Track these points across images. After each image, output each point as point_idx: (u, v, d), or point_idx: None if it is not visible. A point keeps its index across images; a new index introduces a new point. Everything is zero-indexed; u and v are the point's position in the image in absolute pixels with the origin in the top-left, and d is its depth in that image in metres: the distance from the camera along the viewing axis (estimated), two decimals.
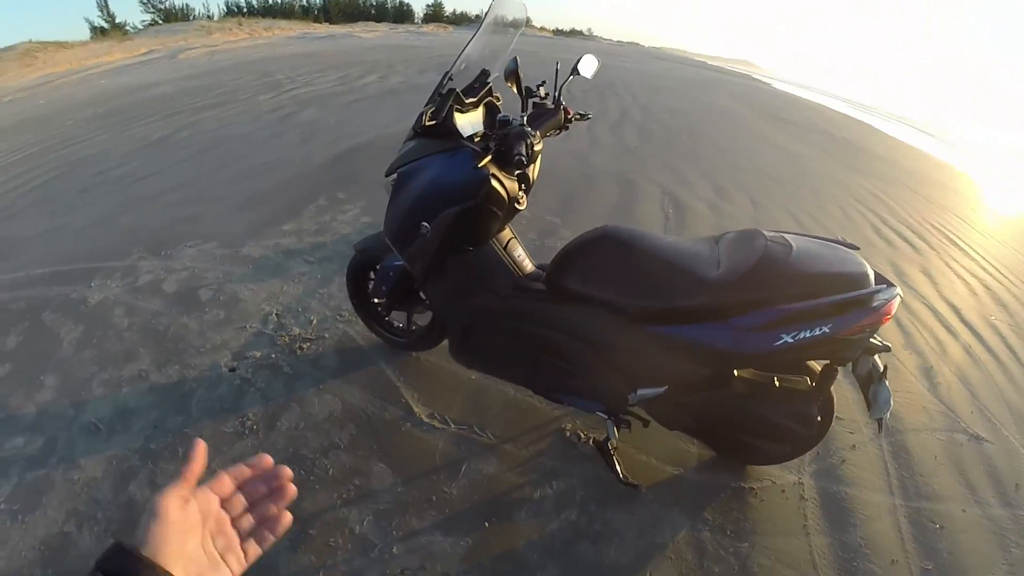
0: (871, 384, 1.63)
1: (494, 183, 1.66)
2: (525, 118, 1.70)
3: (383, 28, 21.90)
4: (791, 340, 1.44)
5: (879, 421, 1.68)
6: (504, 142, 1.59)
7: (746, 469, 2.06)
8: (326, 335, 2.53)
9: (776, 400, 1.71)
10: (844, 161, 7.40)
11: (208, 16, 23.79)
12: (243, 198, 4.01)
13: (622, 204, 4.53)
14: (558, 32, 45.55)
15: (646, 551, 1.74)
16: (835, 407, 1.77)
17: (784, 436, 1.79)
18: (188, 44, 14.92)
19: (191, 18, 22.99)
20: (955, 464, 2.28)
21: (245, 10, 25.25)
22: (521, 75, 1.71)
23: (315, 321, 2.61)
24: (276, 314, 2.65)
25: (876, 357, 1.66)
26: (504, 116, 1.70)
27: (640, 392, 1.71)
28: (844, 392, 2.47)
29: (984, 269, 4.63)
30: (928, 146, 11.37)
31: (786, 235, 1.60)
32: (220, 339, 2.47)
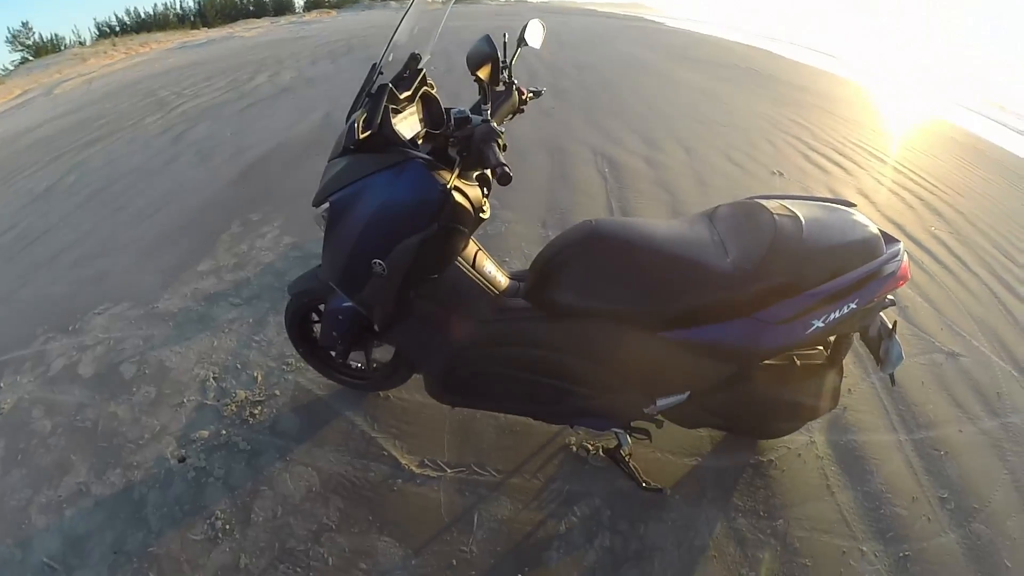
0: (881, 341, 1.56)
1: (457, 197, 1.38)
2: (489, 111, 1.38)
3: (264, 23, 20.45)
4: (822, 324, 1.36)
5: (891, 375, 1.66)
6: (467, 146, 1.32)
7: (759, 442, 1.98)
8: (276, 392, 2.21)
9: (798, 380, 1.62)
10: (758, 93, 7.46)
11: (80, 42, 21.66)
12: (148, 242, 3.54)
13: (556, 172, 4.31)
14: None
15: (690, 557, 1.66)
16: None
17: (806, 413, 1.73)
18: (63, 76, 13.39)
19: (62, 48, 20.90)
20: (941, 385, 2.35)
21: (118, 29, 23.22)
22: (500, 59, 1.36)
23: (260, 377, 2.28)
24: (213, 377, 2.30)
25: (882, 314, 1.58)
26: (460, 111, 1.38)
27: (661, 402, 1.55)
28: None
29: (913, 181, 4.77)
30: (826, 65, 11.77)
31: (787, 204, 1.48)
32: (158, 423, 2.11)
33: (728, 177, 4.36)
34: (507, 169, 1.20)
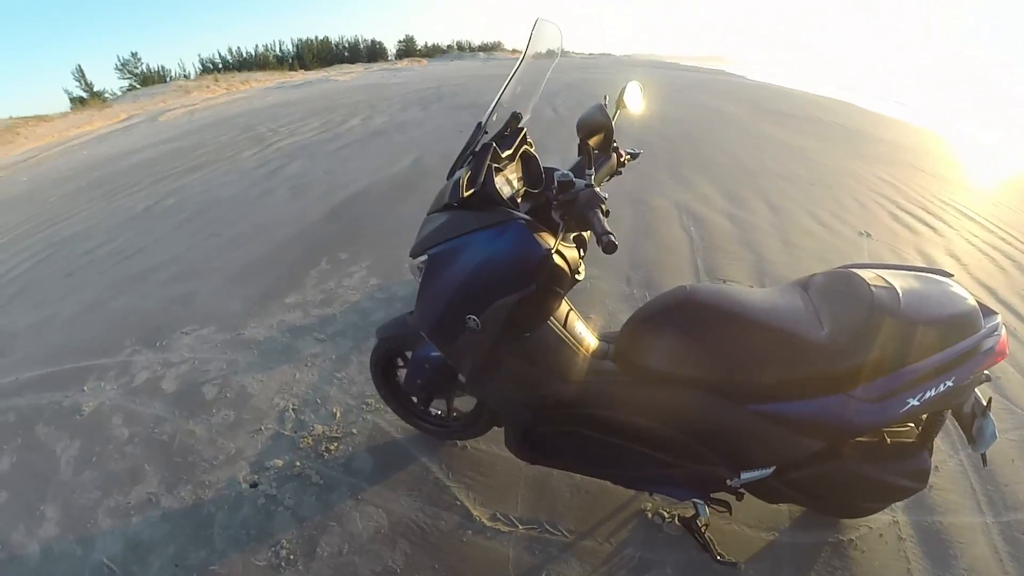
0: (975, 419, 1.47)
1: (557, 260, 1.38)
2: (593, 176, 1.37)
3: (358, 68, 21.89)
4: (917, 403, 1.30)
5: (983, 455, 1.57)
6: (569, 211, 1.32)
7: (841, 519, 1.87)
8: (354, 430, 2.24)
9: (888, 459, 1.52)
10: (844, 148, 7.25)
11: (185, 75, 23.98)
12: (238, 269, 3.75)
13: (640, 227, 4.26)
14: None
15: None
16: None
17: (894, 494, 1.62)
18: (167, 105, 14.77)
19: (168, 79, 23.14)
20: None
21: (220, 66, 25.52)
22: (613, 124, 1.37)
23: (339, 414, 2.33)
24: (292, 409, 2.37)
25: (976, 390, 1.48)
26: (564, 174, 1.36)
27: (745, 475, 1.48)
28: None
29: (1004, 240, 4.49)
30: (908, 116, 11.38)
31: (883, 274, 1.42)
32: (234, 447, 2.19)
33: (815, 238, 4.21)
34: (612, 238, 1.19)
